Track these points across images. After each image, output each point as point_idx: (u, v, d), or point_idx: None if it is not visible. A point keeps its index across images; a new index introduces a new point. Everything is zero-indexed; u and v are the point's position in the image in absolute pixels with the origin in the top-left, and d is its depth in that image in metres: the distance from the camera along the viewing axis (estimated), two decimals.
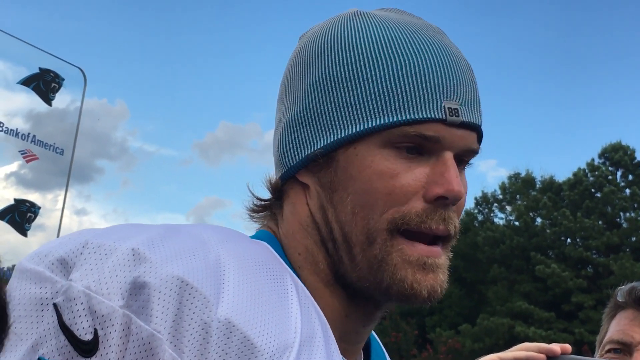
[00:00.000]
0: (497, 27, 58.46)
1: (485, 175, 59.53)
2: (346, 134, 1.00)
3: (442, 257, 1.01)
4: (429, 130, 0.98)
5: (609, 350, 1.76)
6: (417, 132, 0.97)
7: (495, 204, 38.36)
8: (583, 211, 33.12)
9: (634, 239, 32.98)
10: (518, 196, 37.05)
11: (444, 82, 1.00)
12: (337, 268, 1.01)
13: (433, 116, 0.98)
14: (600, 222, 33.01)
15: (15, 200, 4.68)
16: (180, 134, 67.25)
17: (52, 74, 4.75)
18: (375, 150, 0.98)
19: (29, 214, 4.70)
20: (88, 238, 0.87)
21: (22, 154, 4.70)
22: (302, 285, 0.98)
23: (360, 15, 1.06)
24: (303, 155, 1.03)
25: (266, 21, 61.08)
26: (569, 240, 34.00)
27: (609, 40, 54.54)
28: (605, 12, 54.61)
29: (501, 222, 37.46)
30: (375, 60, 1.00)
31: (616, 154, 34.05)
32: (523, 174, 37.56)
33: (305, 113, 1.04)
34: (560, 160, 56.26)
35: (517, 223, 35.68)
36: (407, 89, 0.98)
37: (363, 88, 1.00)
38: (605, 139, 60.29)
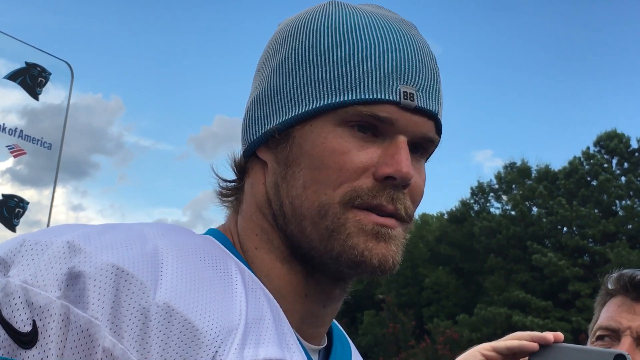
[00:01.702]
0: (493, 19, 58.53)
1: (481, 165, 59.77)
2: (302, 110, 1.02)
3: (397, 229, 1.01)
4: (383, 112, 0.99)
5: (599, 337, 1.78)
6: (371, 112, 0.99)
7: (491, 194, 38.48)
8: (579, 200, 33.22)
9: (630, 226, 33.09)
10: (514, 185, 37.17)
11: (403, 66, 1.01)
12: (290, 243, 1.03)
13: (387, 97, 0.99)
14: (596, 211, 33.11)
15: (3, 195, 4.69)
16: (176, 128, 67.39)
17: (38, 69, 4.74)
18: (330, 127, 1.00)
19: (17, 209, 4.71)
20: (26, 237, 0.88)
21: (9, 149, 4.70)
22: (249, 271, 0.99)
23: (333, 4, 1.08)
24: (262, 131, 1.06)
25: (261, 15, 61.07)
26: (565, 229, 34.12)
27: (603, 31, 54.65)
28: (600, 4, 54.67)
29: (497, 211, 37.62)
30: (337, 43, 1.02)
31: (611, 142, 34.14)
32: (519, 164, 37.66)
33: (268, 91, 1.07)
34: (556, 149, 56.47)
35: (513, 212, 35.80)
36: (365, 70, 1.00)
37: (322, 68, 1.02)
38: (600, 127, 60.41)
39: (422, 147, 1.05)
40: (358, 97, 0.99)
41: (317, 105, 1.00)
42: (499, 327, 30.19)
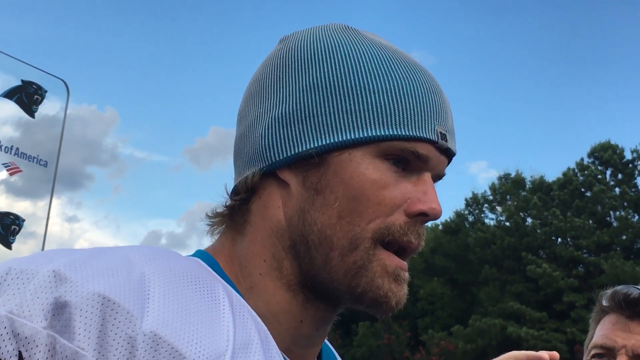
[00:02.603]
0: (487, 31, 58.62)
1: (476, 176, 59.73)
2: (344, 138, 1.01)
3: (407, 272, 1.04)
4: (423, 149, 1.02)
5: (594, 356, 1.78)
6: (412, 149, 1.01)
7: (486, 205, 38.44)
8: (573, 211, 33.22)
9: (624, 237, 33.09)
10: (508, 196, 37.12)
11: (438, 107, 1.04)
12: (302, 271, 1.02)
13: (427, 136, 1.02)
14: (590, 222, 33.10)
15: (0, 213, 4.66)
16: (170, 139, 67.23)
17: (34, 86, 4.73)
18: (369, 159, 1.01)
19: (13, 227, 4.69)
20: (12, 265, 0.88)
21: (5, 166, 4.68)
22: (238, 294, 0.98)
23: (352, 29, 1.09)
24: (292, 152, 1.03)
25: (255, 27, 61.07)
26: (559, 239, 34.09)
27: (597, 42, 54.79)
28: (593, 14, 54.84)
29: (492, 222, 37.55)
30: (377, 74, 1.02)
31: (605, 153, 34.16)
32: (513, 175, 37.67)
33: (300, 111, 1.03)
34: (550, 160, 56.49)
35: (507, 223, 35.74)
36: (407, 106, 1.01)
37: (363, 97, 1.02)
38: (594, 138, 60.50)
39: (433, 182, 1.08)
40: (401, 132, 1.00)
41: (359, 136, 1.00)
42: (493, 338, 30.15)
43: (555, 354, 1.33)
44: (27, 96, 4.77)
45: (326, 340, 1.18)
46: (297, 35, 1.11)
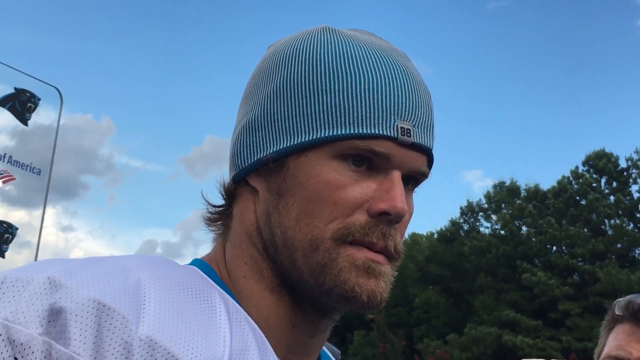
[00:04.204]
0: (483, 42, 58.83)
1: (471, 185, 59.89)
2: (299, 141, 1.01)
3: (386, 266, 1.01)
4: (380, 147, 0.99)
5: None
6: (368, 147, 0.98)
7: (481, 213, 38.53)
8: (568, 219, 33.29)
9: (619, 245, 33.17)
10: (503, 205, 37.23)
11: (400, 102, 1.01)
12: (280, 273, 1.02)
13: (385, 133, 0.99)
14: (585, 230, 33.18)
15: None
16: (166, 149, 67.30)
17: (27, 94, 4.74)
18: (325, 160, 1.00)
19: (6, 235, 4.69)
20: (7, 274, 0.88)
21: None
22: (234, 301, 0.99)
23: (328, 30, 1.08)
24: (255, 158, 1.05)
25: (251, 36, 61.21)
26: (554, 248, 34.17)
27: (592, 50, 55.01)
28: (588, 22, 55.07)
29: (487, 231, 37.66)
30: (334, 74, 1.02)
31: (600, 162, 34.28)
32: (508, 183, 37.76)
33: (262, 117, 1.05)
34: (545, 168, 56.64)
35: (502, 232, 35.85)
36: (363, 105, 1.00)
37: (320, 99, 1.01)
38: (589, 147, 60.73)
39: (414, 179, 1.05)
40: (356, 131, 0.99)
41: (314, 137, 1.00)
42: (489, 347, 30.15)
43: None
44: (21, 104, 4.77)
45: (325, 349, 1.17)
46: (275, 43, 1.13)
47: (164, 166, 70.10)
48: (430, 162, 1.07)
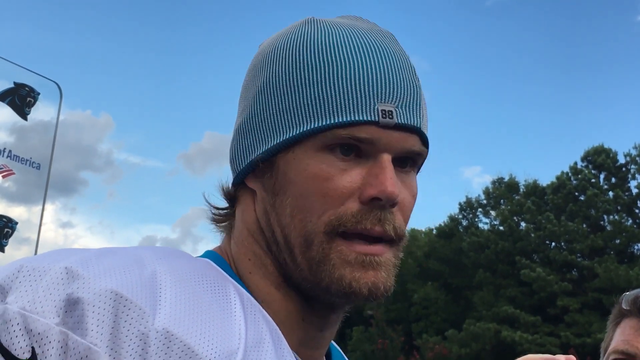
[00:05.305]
0: (481, 36, 58.79)
1: (470, 181, 59.87)
2: (284, 138, 1.01)
3: (384, 255, 1.00)
4: (362, 132, 0.98)
5: None
6: (350, 134, 0.98)
7: (480, 209, 38.52)
8: (567, 215, 33.30)
9: (617, 241, 33.18)
10: (502, 201, 37.22)
11: (380, 84, 1.00)
12: (284, 270, 1.03)
13: (365, 118, 0.98)
14: (584, 226, 33.19)
15: None
16: (165, 145, 67.27)
17: (27, 89, 4.73)
18: (311, 153, 0.99)
19: (6, 229, 4.68)
20: (23, 263, 0.88)
21: None
22: (248, 294, 0.99)
23: (310, 22, 1.07)
24: (248, 161, 1.05)
25: (250, 33, 61.13)
26: (553, 244, 34.17)
27: (591, 47, 54.98)
28: (586, 20, 55.04)
29: (486, 227, 37.67)
30: (313, 66, 1.01)
31: (599, 157, 34.28)
32: (507, 179, 37.74)
33: (251, 119, 1.06)
34: (544, 164, 56.62)
35: (501, 228, 35.84)
36: (341, 92, 0.99)
37: (301, 93, 1.01)
38: (587, 142, 60.71)
39: (411, 160, 1.04)
40: (336, 120, 0.98)
41: (298, 132, 1.00)
42: (487, 343, 30.18)
43: (572, 357, 1.31)
44: (20, 98, 4.77)
45: (334, 343, 1.18)
46: (263, 42, 1.13)
47: (163, 162, 70.16)
48: (425, 141, 1.05)
